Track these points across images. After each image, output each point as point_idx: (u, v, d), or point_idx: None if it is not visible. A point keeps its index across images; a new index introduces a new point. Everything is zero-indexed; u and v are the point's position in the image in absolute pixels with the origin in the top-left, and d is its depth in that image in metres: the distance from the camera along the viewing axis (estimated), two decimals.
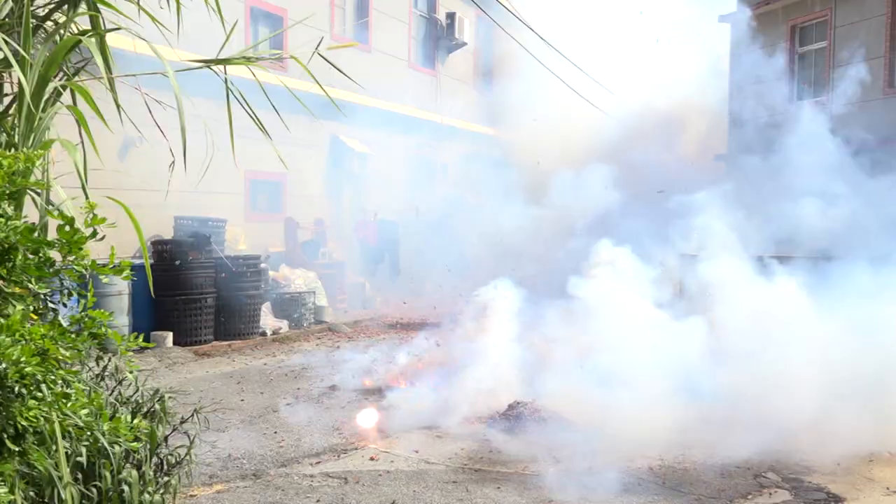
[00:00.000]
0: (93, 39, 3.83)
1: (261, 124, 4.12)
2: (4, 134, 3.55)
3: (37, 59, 3.45)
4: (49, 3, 4.05)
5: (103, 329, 2.56)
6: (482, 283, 10.29)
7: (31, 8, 3.75)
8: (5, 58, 3.70)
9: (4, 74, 3.89)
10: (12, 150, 3.35)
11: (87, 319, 2.54)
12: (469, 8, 23.29)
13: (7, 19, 3.73)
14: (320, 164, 18.54)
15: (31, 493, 3.45)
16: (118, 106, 3.96)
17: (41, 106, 3.44)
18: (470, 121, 24.31)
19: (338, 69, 4.89)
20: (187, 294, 12.26)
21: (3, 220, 2.30)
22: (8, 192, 2.32)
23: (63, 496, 3.18)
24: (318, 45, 4.62)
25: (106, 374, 4.72)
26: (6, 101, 3.88)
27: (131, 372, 4.43)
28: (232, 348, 12.31)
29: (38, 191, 3.17)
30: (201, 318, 12.46)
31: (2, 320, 2.17)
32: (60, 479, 3.24)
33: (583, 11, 24.62)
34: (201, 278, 12.50)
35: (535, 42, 20.45)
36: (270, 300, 14.18)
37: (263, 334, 13.47)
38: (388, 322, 15.37)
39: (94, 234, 2.47)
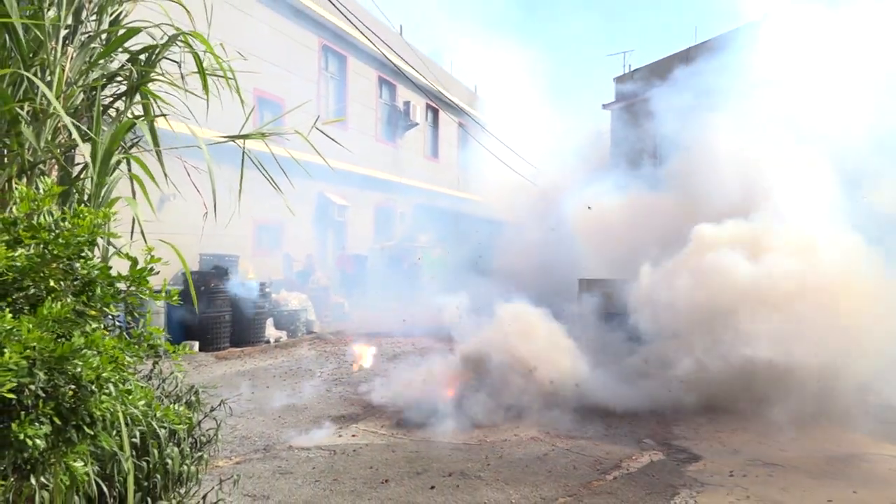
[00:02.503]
0: (145, 123, 3.81)
1: (275, 184, 4.13)
2: (77, 193, 3.50)
3: (103, 138, 3.41)
4: (112, 95, 4.01)
5: (159, 342, 2.53)
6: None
7: (99, 98, 3.72)
8: (78, 136, 3.67)
9: (76, 149, 3.84)
10: (83, 205, 3.31)
11: (145, 334, 2.51)
12: (421, 98, 23.63)
13: (80, 106, 3.69)
14: (310, 213, 18.45)
15: (96, 468, 3.37)
16: (164, 173, 3.93)
17: (107, 172, 3.40)
18: (420, 180, 24.48)
19: (331, 139, 4.94)
20: (210, 312, 12.05)
21: (84, 261, 2.28)
22: (90, 240, 2.30)
23: (125, 468, 3.11)
24: (315, 122, 4.64)
25: (152, 374, 4.64)
26: (77, 168, 3.83)
27: (172, 373, 4.37)
28: (244, 353, 12.09)
29: (105, 236, 3.13)
30: (221, 330, 12.25)
31: (84, 337, 2.14)
32: (124, 455, 3.17)
33: (504, 99, 25.15)
34: (220, 300, 12.30)
35: (469, 122, 20.72)
36: (273, 316, 13.99)
37: (268, 342, 13.26)
38: (361, 332, 15.22)
39: (153, 270, 2.45)
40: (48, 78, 3.53)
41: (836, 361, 7.11)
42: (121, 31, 3.70)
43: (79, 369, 2.23)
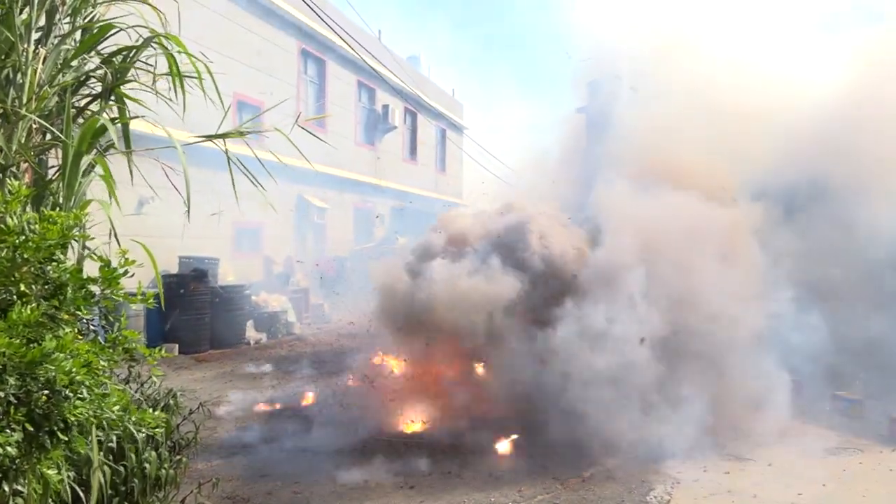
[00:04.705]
0: (117, 125, 3.72)
1: (256, 181, 4.05)
2: (51, 196, 3.41)
3: (73, 140, 3.32)
4: (86, 97, 3.92)
5: (134, 345, 2.46)
6: None
7: (72, 101, 3.63)
8: (50, 139, 3.57)
9: (49, 151, 3.74)
10: (58, 209, 3.22)
11: (120, 338, 2.44)
12: (399, 101, 23.58)
13: (53, 109, 3.60)
14: (289, 216, 18.32)
15: (72, 473, 3.28)
16: (141, 175, 3.85)
17: (79, 174, 3.31)
18: (398, 182, 24.43)
19: (311, 133, 4.85)
20: (190, 315, 11.86)
21: (56, 264, 2.21)
22: (61, 242, 2.22)
23: (102, 473, 3.03)
24: (296, 119, 4.55)
25: (130, 377, 4.54)
26: (52, 171, 3.73)
27: (150, 377, 4.28)
28: (224, 355, 11.93)
29: (79, 239, 3.05)
30: (200, 332, 12.05)
31: (55, 341, 2.07)
32: (94, 459, 3.09)
33: (482, 101, 25.19)
34: (200, 302, 12.09)
35: (447, 125, 20.69)
36: (253, 318, 13.83)
37: (248, 344, 13.10)
38: (341, 333, 15.12)
39: (126, 272, 2.38)
40: (20, 80, 3.44)
41: None
42: (94, 30, 3.60)
43: (52, 374, 2.16)
